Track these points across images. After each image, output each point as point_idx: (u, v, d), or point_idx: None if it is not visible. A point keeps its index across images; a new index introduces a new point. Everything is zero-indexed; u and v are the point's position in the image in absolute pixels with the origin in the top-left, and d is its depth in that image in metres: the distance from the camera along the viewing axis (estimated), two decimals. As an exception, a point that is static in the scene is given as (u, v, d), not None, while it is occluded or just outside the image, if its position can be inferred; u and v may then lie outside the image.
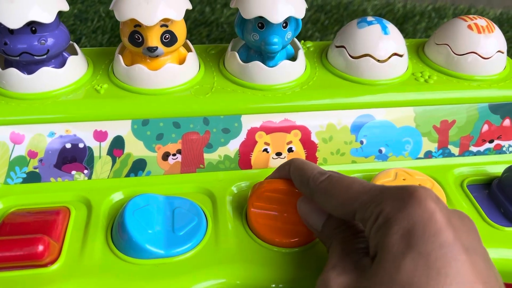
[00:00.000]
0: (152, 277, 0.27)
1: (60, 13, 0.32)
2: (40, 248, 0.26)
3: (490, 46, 0.36)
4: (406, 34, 0.68)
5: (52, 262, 0.28)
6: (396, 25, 0.69)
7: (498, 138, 0.37)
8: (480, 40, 0.36)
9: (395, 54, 0.35)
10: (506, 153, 0.37)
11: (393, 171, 0.33)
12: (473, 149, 0.37)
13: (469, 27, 0.36)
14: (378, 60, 0.35)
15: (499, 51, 0.36)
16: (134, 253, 0.28)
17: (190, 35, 0.64)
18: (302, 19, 0.34)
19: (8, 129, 0.32)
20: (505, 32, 0.69)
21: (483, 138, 0.37)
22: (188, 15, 0.69)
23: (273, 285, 0.28)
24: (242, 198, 0.33)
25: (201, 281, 0.27)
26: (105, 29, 0.62)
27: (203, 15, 0.68)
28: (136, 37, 0.32)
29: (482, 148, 0.37)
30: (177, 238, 0.29)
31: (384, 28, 0.35)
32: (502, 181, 0.34)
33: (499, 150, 0.37)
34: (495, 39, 0.36)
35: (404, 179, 0.32)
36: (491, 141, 0.37)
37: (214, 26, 0.66)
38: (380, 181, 0.32)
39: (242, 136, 0.34)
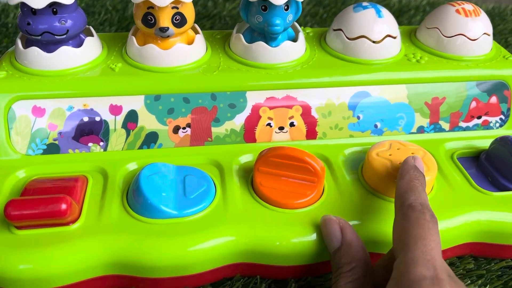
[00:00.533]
0: (166, 235, 0.30)
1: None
2: (64, 206, 0.29)
3: (477, 28, 0.39)
4: (402, 29, 0.71)
5: (74, 221, 0.30)
6: (391, 19, 0.73)
7: (486, 114, 0.40)
8: (467, 23, 0.39)
9: (389, 35, 0.38)
10: (493, 128, 0.40)
11: (388, 142, 0.35)
12: (463, 124, 0.39)
13: (457, 11, 0.39)
14: (373, 41, 0.38)
15: (485, 33, 0.39)
16: (148, 214, 0.31)
17: (193, 28, 0.66)
18: (301, 12, 0.37)
19: (30, 103, 0.34)
20: (496, 25, 0.72)
21: (472, 114, 0.39)
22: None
23: (278, 243, 0.30)
24: (247, 168, 0.35)
25: (212, 238, 0.30)
26: (112, 22, 0.65)
27: (206, 8, 0.71)
28: (149, 18, 0.35)
29: (470, 124, 0.40)
30: (189, 200, 0.32)
31: (378, 12, 0.38)
32: (489, 153, 0.37)
33: (486, 125, 0.40)
34: (481, 22, 0.39)
35: (398, 149, 0.34)
36: (479, 117, 0.40)
37: (216, 19, 0.69)
38: (376, 150, 0.34)
39: (247, 111, 0.37)
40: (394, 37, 0.38)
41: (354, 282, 0.27)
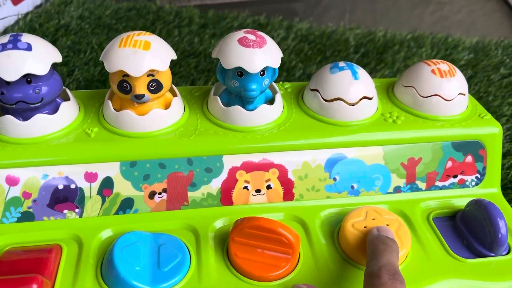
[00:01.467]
0: (139, 312, 0.29)
1: (53, 64, 0.35)
2: (34, 287, 0.29)
3: (452, 89, 0.39)
4: (385, 64, 0.71)
5: (45, 299, 0.30)
6: (376, 55, 0.73)
7: (462, 173, 0.40)
8: (442, 83, 0.39)
9: (365, 97, 0.38)
10: (469, 187, 0.40)
11: (364, 210, 0.35)
12: (439, 183, 0.40)
13: (433, 71, 0.40)
14: (349, 104, 0.38)
15: (460, 94, 0.40)
16: (122, 289, 0.31)
17: (179, 67, 0.67)
18: (285, 49, 0.37)
19: (4, 172, 0.34)
20: (480, 61, 0.73)
21: (448, 173, 0.40)
22: (178, 46, 0.71)
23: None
24: (224, 233, 0.35)
25: (184, 316, 0.30)
26: (97, 61, 0.65)
27: (191, 45, 0.71)
28: (125, 85, 0.35)
29: (447, 183, 0.40)
30: (162, 274, 0.31)
31: (354, 74, 0.38)
32: (464, 215, 0.37)
33: (462, 184, 0.40)
34: (457, 82, 0.39)
35: (373, 219, 0.34)
36: (455, 176, 0.40)
37: (202, 57, 0.69)
38: (351, 220, 0.34)
39: (223, 175, 0.37)
40: (370, 98, 0.39)
41: None
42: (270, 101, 0.39)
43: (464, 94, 0.40)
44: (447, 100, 0.39)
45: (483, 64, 0.72)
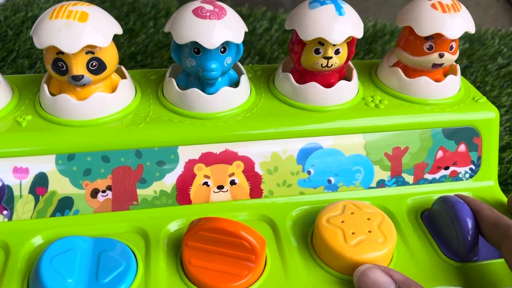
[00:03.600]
0: (68, 335, 0.24)
1: (2, 34, 0.29)
2: None
3: (456, 27, 0.32)
4: (374, 54, 0.67)
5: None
6: (365, 45, 0.69)
7: (454, 164, 0.35)
8: (445, 20, 0.32)
9: (352, 37, 0.32)
10: (462, 180, 0.35)
11: (341, 204, 0.30)
12: (428, 176, 0.35)
13: (433, 6, 0.32)
14: (332, 45, 0.31)
15: (452, 74, 0.35)
16: (50, 307, 0.25)
17: (151, 58, 0.62)
18: (268, 40, 0.32)
19: None
20: (476, 51, 0.69)
21: (438, 165, 0.35)
22: (152, 37, 0.66)
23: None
24: (179, 237, 0.30)
25: (123, 338, 0.25)
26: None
27: (167, 37, 0.66)
28: (60, 65, 0.30)
29: (437, 176, 0.35)
30: (100, 286, 0.26)
31: (338, 9, 0.31)
32: (431, 213, 0.32)
33: (455, 177, 0.35)
34: (462, 19, 0.33)
35: (352, 213, 0.30)
36: (446, 168, 0.35)
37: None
38: (327, 215, 0.30)
39: (179, 169, 0.32)
40: (349, 80, 0.34)
41: None
42: (235, 85, 0.34)
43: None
44: (451, 40, 0.33)
45: (479, 53, 0.67)
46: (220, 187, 0.32)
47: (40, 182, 0.30)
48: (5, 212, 0.30)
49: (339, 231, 0.29)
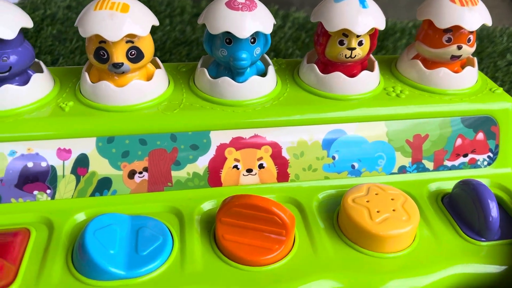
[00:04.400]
0: (112, 301, 0.26)
1: (24, 31, 0.31)
2: (-8, 271, 0.25)
3: (474, 19, 0.34)
4: (386, 51, 0.68)
5: (8, 284, 0.26)
6: (377, 42, 0.70)
7: (472, 152, 0.37)
8: (464, 13, 0.34)
9: (375, 28, 0.34)
10: (481, 167, 0.37)
11: (366, 186, 0.32)
12: (448, 163, 0.36)
13: (452, 0, 0.35)
14: (356, 36, 0.33)
15: (469, 66, 0.36)
16: (94, 275, 0.27)
17: (170, 54, 0.64)
18: (282, 38, 0.34)
19: (-33, 148, 0.31)
20: (485, 48, 0.70)
21: (457, 152, 0.36)
22: (169, 34, 0.68)
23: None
24: (212, 217, 0.32)
25: (163, 304, 0.26)
26: (83, 50, 0.62)
27: (183, 34, 0.68)
28: (102, 53, 0.32)
29: (456, 163, 0.36)
30: (140, 258, 0.28)
31: (362, 2, 0.33)
32: (452, 197, 0.33)
33: (473, 164, 0.37)
34: (479, 12, 0.35)
35: (376, 194, 0.31)
36: (465, 155, 0.36)
37: (194, 45, 0.66)
38: (352, 195, 0.31)
39: (211, 153, 0.33)
40: (372, 71, 0.36)
41: None
42: (262, 75, 0.36)
43: (473, 66, 0.37)
44: (469, 32, 0.35)
45: (488, 51, 0.69)
46: (249, 171, 0.34)
47: (82, 163, 0.32)
48: (48, 191, 0.32)
49: (364, 209, 0.30)
